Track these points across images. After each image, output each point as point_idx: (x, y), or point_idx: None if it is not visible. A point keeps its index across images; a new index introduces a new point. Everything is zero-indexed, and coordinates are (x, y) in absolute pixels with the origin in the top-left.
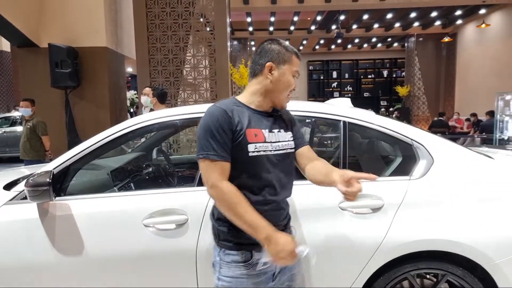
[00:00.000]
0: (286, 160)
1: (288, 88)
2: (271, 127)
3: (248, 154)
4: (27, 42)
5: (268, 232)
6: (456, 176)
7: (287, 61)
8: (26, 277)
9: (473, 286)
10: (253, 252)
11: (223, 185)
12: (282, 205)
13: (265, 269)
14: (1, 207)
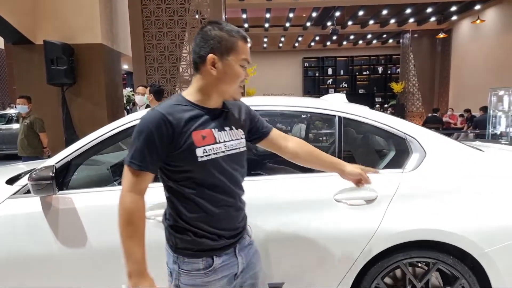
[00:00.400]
0: (240, 159)
1: (237, 81)
2: (222, 126)
3: (197, 160)
4: (22, 39)
5: (135, 270)
6: (448, 169)
7: (232, 49)
8: (31, 268)
9: (463, 274)
10: (214, 257)
11: (128, 198)
12: (240, 205)
13: (226, 271)
14: (5, 201)
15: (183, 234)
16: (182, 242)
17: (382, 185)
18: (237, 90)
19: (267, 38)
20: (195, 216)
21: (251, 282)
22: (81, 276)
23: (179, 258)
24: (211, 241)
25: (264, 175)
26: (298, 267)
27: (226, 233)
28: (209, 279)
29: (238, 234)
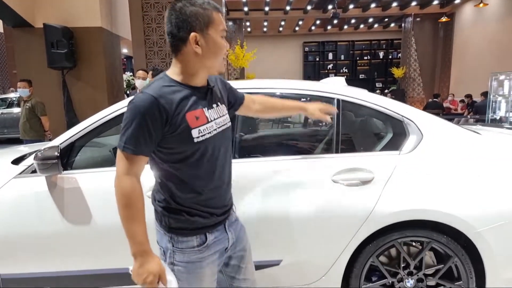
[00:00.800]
0: (228, 134)
1: (221, 53)
2: (210, 104)
3: (193, 141)
4: (21, 22)
5: (139, 250)
6: (444, 151)
7: (210, 22)
8: (37, 245)
9: (456, 253)
10: (207, 234)
11: (125, 181)
12: (230, 181)
13: (218, 246)
14: (11, 180)
15: (177, 215)
16: (176, 222)
17: (378, 167)
18: (222, 63)
19: (267, 22)
20: (189, 196)
21: (241, 254)
22: (85, 253)
23: (173, 237)
24: (203, 219)
25: (265, 156)
26: (296, 245)
27: (217, 211)
28: (203, 255)
29: (228, 211)
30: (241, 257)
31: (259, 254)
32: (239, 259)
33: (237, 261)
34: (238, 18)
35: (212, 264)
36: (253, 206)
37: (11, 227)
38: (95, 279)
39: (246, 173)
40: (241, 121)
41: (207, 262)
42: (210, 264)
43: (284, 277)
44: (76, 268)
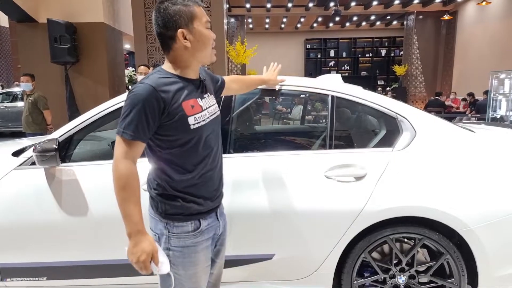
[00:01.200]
0: (218, 122)
1: (209, 43)
2: (202, 94)
3: (190, 128)
4: (25, 17)
5: (134, 230)
6: (437, 148)
7: (193, 17)
8: (36, 235)
9: (448, 250)
10: (201, 220)
11: (122, 164)
12: (222, 167)
13: (211, 232)
14: (11, 171)
15: (172, 201)
16: (172, 208)
17: (371, 163)
18: (212, 53)
19: (268, 18)
20: (185, 180)
21: (218, 248)
22: (82, 242)
23: (169, 223)
24: (198, 205)
25: (259, 151)
26: (288, 240)
27: (210, 195)
28: (197, 240)
29: (219, 198)
30: (218, 251)
31: (252, 248)
32: (216, 252)
33: (214, 254)
34: (240, 14)
35: (206, 250)
36: (247, 200)
37: (10, 218)
38: (91, 270)
39: (240, 168)
40: (236, 117)
41: (201, 247)
42: (204, 249)
43: (277, 272)
44: (73, 259)
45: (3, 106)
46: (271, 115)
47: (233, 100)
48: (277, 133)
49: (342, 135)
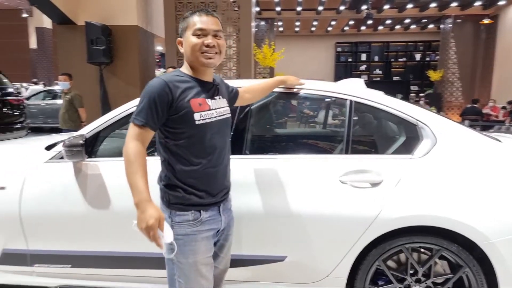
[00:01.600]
0: (227, 123)
1: (194, 48)
2: (213, 95)
3: (195, 123)
4: (65, 19)
5: (141, 198)
6: (459, 156)
7: (187, 27)
8: (62, 224)
9: (467, 263)
10: (201, 211)
11: (132, 144)
12: (227, 166)
13: (213, 225)
14: (43, 164)
15: (175, 191)
16: (174, 198)
17: (388, 170)
18: (200, 57)
19: (299, 21)
20: (187, 173)
21: (222, 243)
22: (103, 233)
23: (172, 212)
24: (198, 198)
25: (275, 154)
26: (301, 243)
27: (212, 191)
28: (197, 229)
29: (224, 195)
30: (222, 246)
31: (265, 249)
32: (219, 247)
33: (217, 248)
34: (270, 17)
35: (207, 240)
36: (260, 201)
37: (41, 207)
38: (111, 261)
39: (256, 169)
40: (253, 119)
41: (201, 236)
42: (205, 240)
43: (288, 274)
44: (94, 249)
45: (44, 103)
46: (298, 118)
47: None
48: (295, 136)
49: (359, 140)
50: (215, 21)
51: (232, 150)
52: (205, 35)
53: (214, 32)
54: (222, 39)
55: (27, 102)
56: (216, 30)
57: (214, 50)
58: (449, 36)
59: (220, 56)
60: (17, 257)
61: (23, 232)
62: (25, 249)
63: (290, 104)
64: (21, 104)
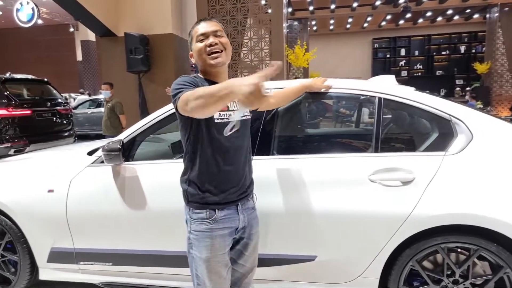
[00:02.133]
0: (247, 124)
1: (200, 53)
2: None
3: (214, 121)
4: (107, 32)
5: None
6: (497, 152)
7: (192, 37)
8: (104, 224)
9: (508, 263)
10: (216, 210)
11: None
12: (246, 167)
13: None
14: (85, 168)
15: (191, 187)
16: (191, 196)
17: (420, 167)
18: (207, 59)
19: (333, 19)
20: (204, 171)
21: (247, 242)
22: (140, 232)
23: (190, 209)
24: (212, 195)
25: (303, 154)
26: (331, 242)
27: (230, 190)
28: (211, 227)
29: (242, 194)
30: (246, 244)
31: (295, 248)
32: (243, 245)
33: (241, 246)
34: (304, 17)
35: (221, 238)
36: (291, 201)
37: (85, 208)
38: (148, 259)
39: (285, 169)
40: (283, 119)
41: (215, 234)
42: (219, 237)
43: (319, 274)
44: (133, 248)
45: (89, 112)
46: (334, 118)
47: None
48: (324, 136)
49: (389, 138)
50: (213, 24)
51: (261, 151)
52: (207, 37)
53: (214, 32)
54: (224, 37)
55: (74, 111)
56: (215, 30)
57: (218, 47)
58: (496, 25)
59: (227, 53)
60: (64, 255)
61: (70, 232)
62: (71, 247)
63: (325, 103)
64: (69, 113)
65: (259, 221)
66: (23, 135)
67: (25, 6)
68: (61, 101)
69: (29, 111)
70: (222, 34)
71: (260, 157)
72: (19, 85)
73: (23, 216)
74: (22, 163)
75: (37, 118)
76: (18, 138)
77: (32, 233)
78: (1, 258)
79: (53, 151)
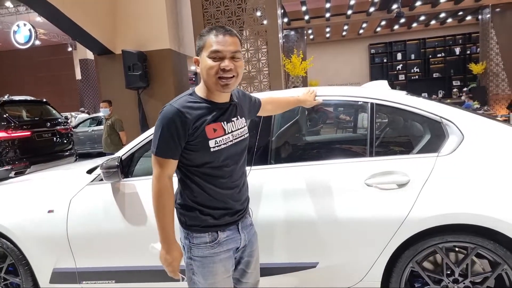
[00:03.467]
0: (244, 145)
1: (210, 72)
2: (229, 117)
3: (210, 150)
4: (104, 50)
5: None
6: (488, 152)
7: (203, 47)
8: (105, 242)
9: (505, 260)
10: (218, 232)
11: (162, 182)
12: (243, 187)
13: (231, 245)
14: (85, 187)
15: (191, 212)
16: (191, 220)
17: (414, 169)
18: (216, 83)
19: (329, 27)
20: (202, 197)
21: (248, 260)
22: (141, 249)
23: (189, 233)
24: (214, 219)
25: (301, 162)
26: (332, 248)
27: (229, 212)
28: (215, 251)
29: (241, 213)
30: (248, 262)
31: (296, 256)
32: (245, 264)
33: (244, 265)
34: (300, 27)
35: (226, 261)
36: (288, 209)
37: (85, 227)
38: (151, 275)
39: (282, 177)
40: (278, 128)
41: (219, 258)
42: (223, 260)
43: (322, 280)
44: (134, 264)
45: (90, 130)
46: (335, 124)
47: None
48: (320, 142)
49: (383, 142)
50: (233, 41)
51: (258, 160)
52: (222, 57)
53: (232, 53)
54: (240, 60)
55: (75, 130)
56: (234, 51)
57: (231, 73)
58: (489, 26)
59: (237, 79)
60: (67, 275)
61: (71, 251)
62: (74, 267)
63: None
64: (69, 133)
65: (257, 235)
66: (23, 156)
67: (22, 28)
68: (61, 120)
69: (29, 132)
70: (239, 56)
71: (257, 166)
72: (18, 107)
73: (24, 238)
74: (21, 184)
75: (37, 139)
76: (19, 160)
77: (33, 254)
78: (3, 281)
79: (52, 171)
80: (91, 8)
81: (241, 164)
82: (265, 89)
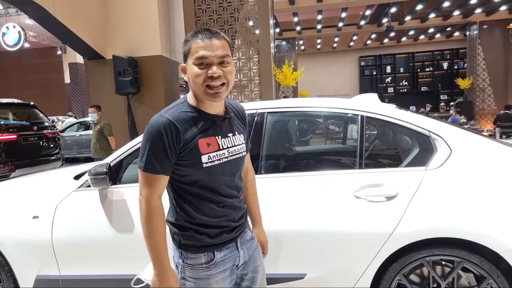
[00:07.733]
0: (240, 163)
1: (196, 80)
2: (225, 133)
3: (202, 166)
4: (95, 55)
5: (162, 268)
6: (475, 166)
7: (188, 53)
8: (91, 250)
9: (490, 274)
10: (215, 252)
11: (153, 203)
12: (239, 204)
13: (228, 264)
14: (72, 193)
15: (185, 231)
16: (185, 239)
17: (403, 182)
18: (204, 93)
19: (320, 39)
20: (197, 216)
21: (252, 276)
22: (129, 257)
23: (183, 253)
24: (210, 238)
25: (290, 172)
26: (320, 259)
27: (226, 230)
28: (211, 272)
29: (239, 229)
30: (253, 278)
31: (284, 267)
32: (250, 280)
33: (249, 282)
34: (291, 37)
35: (222, 281)
36: (277, 220)
37: (71, 234)
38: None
39: (271, 188)
40: (268, 138)
41: (215, 279)
42: (220, 281)
43: None
44: (121, 272)
45: (77, 134)
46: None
47: (264, 121)
48: (309, 154)
49: (372, 154)
50: (220, 45)
51: None
52: (209, 64)
53: (220, 59)
54: (230, 65)
55: (63, 134)
56: (222, 56)
57: (220, 80)
58: (476, 42)
59: (228, 86)
60: (50, 282)
61: (56, 259)
62: (57, 274)
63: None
64: (56, 137)
65: (260, 249)
66: (8, 160)
67: (11, 30)
68: (48, 124)
69: (15, 135)
70: (229, 60)
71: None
72: (4, 110)
73: (8, 244)
74: (6, 189)
75: (23, 143)
76: (3, 163)
77: (17, 261)
78: None
79: (38, 176)
80: (82, 13)
81: (238, 180)
82: (255, 98)
